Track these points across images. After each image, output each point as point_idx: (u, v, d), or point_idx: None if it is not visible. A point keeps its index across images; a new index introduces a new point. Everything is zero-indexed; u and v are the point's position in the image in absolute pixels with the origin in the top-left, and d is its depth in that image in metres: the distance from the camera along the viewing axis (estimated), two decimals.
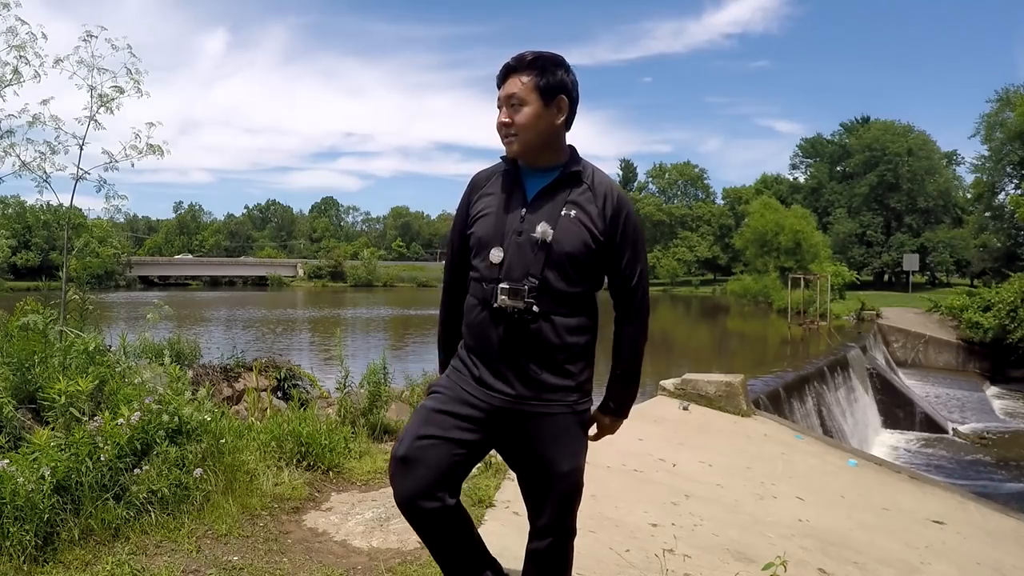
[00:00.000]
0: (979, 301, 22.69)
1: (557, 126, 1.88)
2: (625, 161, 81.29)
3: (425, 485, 1.83)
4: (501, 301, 1.82)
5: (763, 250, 43.59)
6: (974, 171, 43.21)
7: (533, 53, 1.88)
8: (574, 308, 1.86)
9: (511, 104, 1.86)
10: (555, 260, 1.82)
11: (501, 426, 1.89)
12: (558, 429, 1.86)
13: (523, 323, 1.82)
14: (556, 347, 1.84)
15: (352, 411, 5.07)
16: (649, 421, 6.90)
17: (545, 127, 1.86)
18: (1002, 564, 4.77)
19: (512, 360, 1.85)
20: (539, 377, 1.84)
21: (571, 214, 1.85)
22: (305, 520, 3.27)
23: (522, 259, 1.83)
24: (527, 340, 1.83)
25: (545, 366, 1.84)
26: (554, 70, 1.86)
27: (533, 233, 1.83)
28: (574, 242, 1.83)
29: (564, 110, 1.88)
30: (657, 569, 3.03)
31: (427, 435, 1.86)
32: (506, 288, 1.82)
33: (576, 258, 1.83)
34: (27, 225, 25.15)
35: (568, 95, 1.89)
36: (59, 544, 2.61)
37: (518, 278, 1.82)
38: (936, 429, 14.86)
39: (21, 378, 3.64)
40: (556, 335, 1.83)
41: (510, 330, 1.84)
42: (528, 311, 1.81)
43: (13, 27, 4.17)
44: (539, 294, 1.81)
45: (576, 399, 1.89)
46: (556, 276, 1.83)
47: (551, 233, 1.82)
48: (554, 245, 1.82)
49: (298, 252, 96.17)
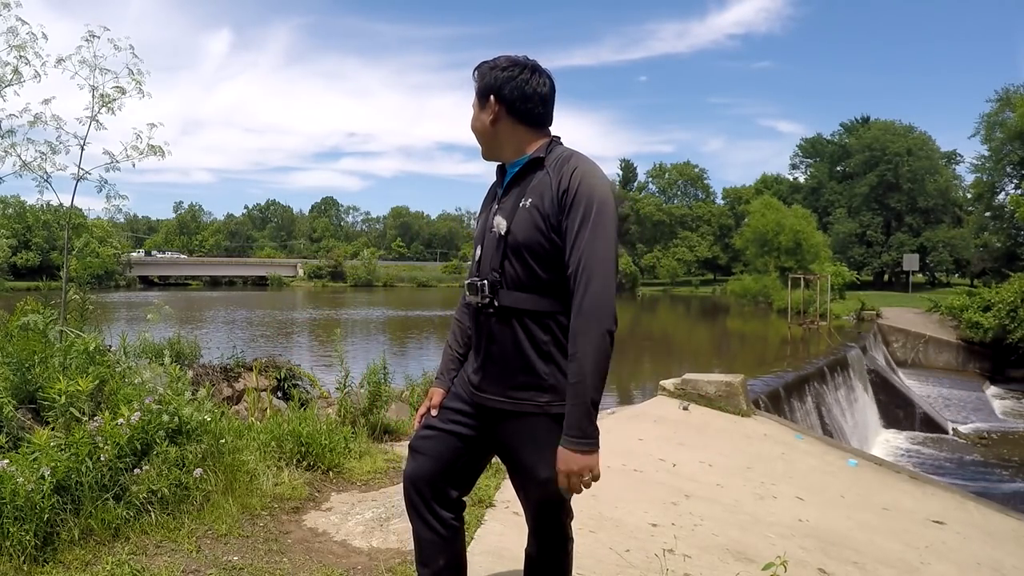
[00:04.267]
0: (979, 301, 22.68)
1: (493, 125, 1.89)
2: (625, 161, 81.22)
3: (428, 472, 1.91)
4: (467, 297, 1.90)
5: (763, 250, 43.60)
6: (974, 171, 43.25)
7: (479, 64, 1.94)
8: (543, 304, 1.78)
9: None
10: (512, 251, 1.79)
11: (488, 424, 1.89)
12: (532, 432, 1.80)
13: (488, 318, 1.84)
14: (523, 344, 1.79)
15: (352, 411, 5.07)
16: (649, 421, 6.90)
17: (481, 128, 1.92)
18: (1002, 564, 4.76)
19: (485, 357, 1.86)
20: (508, 375, 1.82)
21: (527, 203, 1.80)
22: (305, 520, 3.27)
23: (488, 254, 1.86)
24: (494, 336, 1.83)
25: (513, 363, 1.80)
26: (487, 72, 1.90)
27: (492, 228, 1.85)
28: (528, 231, 1.77)
29: (494, 109, 1.88)
30: (657, 569, 3.03)
31: (430, 427, 1.96)
32: (468, 283, 1.88)
33: (532, 248, 1.76)
34: (27, 225, 25.15)
35: (497, 94, 1.87)
36: (59, 544, 2.61)
37: (484, 273, 1.85)
38: (936, 429, 14.86)
39: (21, 378, 3.63)
40: (524, 331, 1.78)
41: (479, 326, 1.88)
42: (490, 305, 1.82)
43: (14, 27, 4.17)
44: (500, 287, 1.81)
45: (548, 400, 1.77)
46: (516, 268, 1.79)
47: (504, 225, 1.81)
48: (509, 237, 1.80)
49: (298, 252, 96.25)
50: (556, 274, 1.76)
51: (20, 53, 4.18)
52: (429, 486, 1.91)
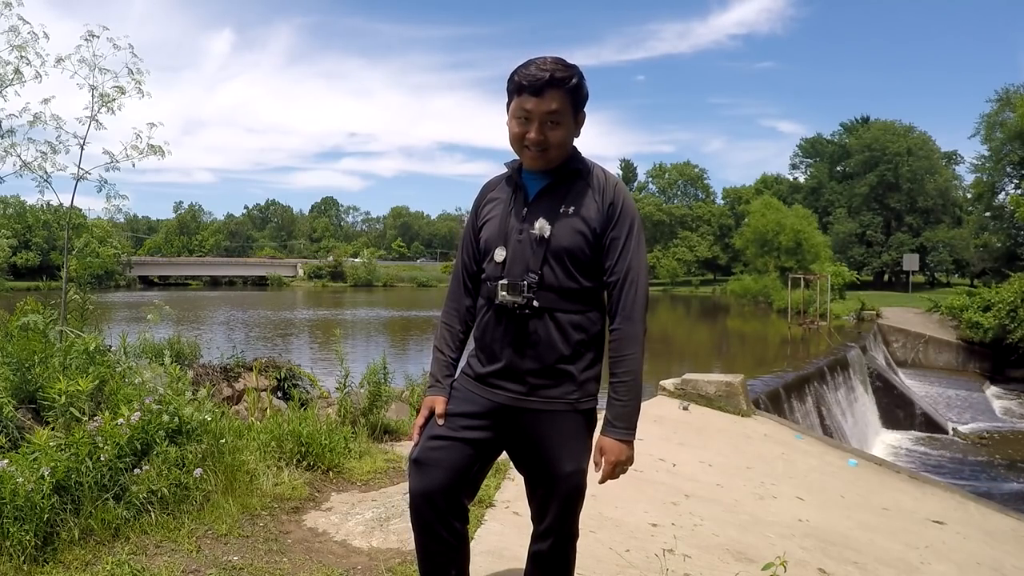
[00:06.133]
0: (979, 301, 22.68)
1: (573, 136, 1.90)
2: (625, 161, 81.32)
3: (440, 485, 1.85)
4: (501, 297, 1.86)
5: (763, 250, 43.62)
6: (974, 171, 43.24)
7: (563, 66, 1.81)
8: (576, 305, 1.86)
9: (551, 120, 1.81)
10: (554, 256, 1.84)
11: (506, 424, 1.90)
12: (560, 428, 1.86)
13: (523, 319, 1.85)
14: (557, 344, 1.84)
15: (352, 411, 5.06)
16: (649, 421, 6.90)
17: (571, 142, 1.89)
18: (1002, 564, 4.76)
19: (514, 357, 1.86)
20: (540, 374, 1.85)
21: (570, 210, 1.86)
22: (305, 520, 3.27)
23: (523, 256, 1.86)
24: (528, 336, 1.85)
25: (546, 363, 1.85)
26: (582, 84, 1.85)
27: (532, 230, 1.86)
28: (572, 238, 1.84)
29: (583, 123, 1.91)
30: (657, 569, 3.03)
31: (439, 436, 1.90)
32: (505, 284, 1.85)
33: (574, 254, 1.84)
34: (27, 225, 25.18)
35: (583, 107, 1.90)
36: (59, 544, 2.61)
37: (518, 274, 1.85)
38: (936, 429, 14.86)
39: (21, 378, 3.63)
40: (558, 331, 1.84)
41: (511, 326, 1.87)
42: (528, 306, 1.84)
43: (15, 27, 4.17)
44: (538, 289, 1.84)
45: (578, 398, 1.87)
46: (555, 272, 1.84)
47: (548, 229, 1.84)
48: (552, 241, 1.84)
49: (298, 252, 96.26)
50: (590, 279, 1.88)
51: (21, 53, 4.18)
52: (444, 499, 1.86)
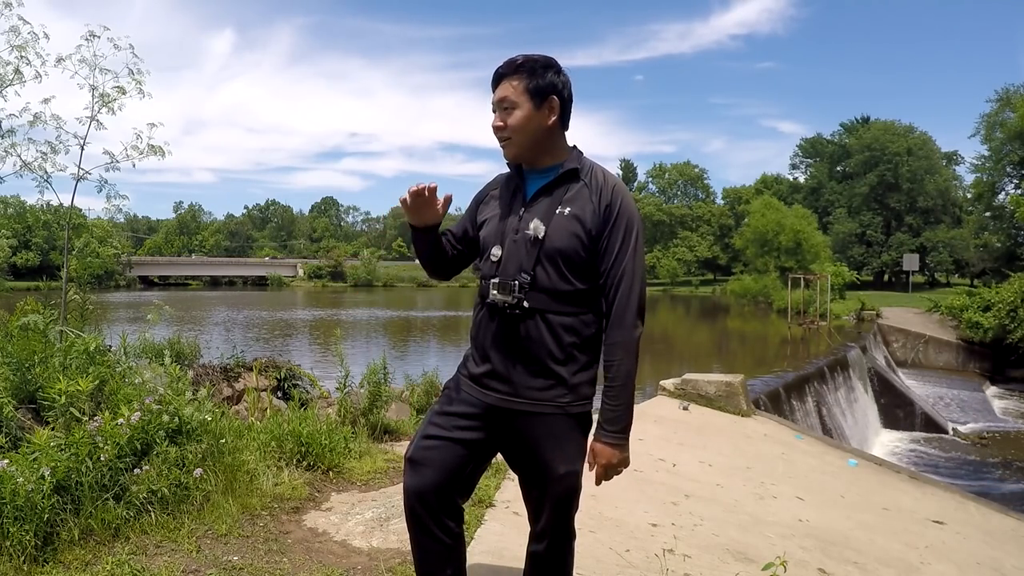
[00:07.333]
0: (979, 301, 22.67)
1: (549, 127, 1.89)
2: (625, 161, 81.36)
3: (432, 484, 1.86)
4: (492, 296, 1.85)
5: (763, 250, 43.61)
6: (974, 171, 43.24)
7: (523, 57, 1.88)
8: (570, 307, 1.84)
9: (503, 108, 1.87)
10: (547, 256, 1.83)
11: (499, 425, 1.89)
12: (551, 430, 1.85)
13: (514, 319, 1.84)
14: (549, 345, 1.83)
15: (352, 411, 5.07)
16: (649, 421, 6.90)
17: (536, 128, 1.87)
18: (1002, 564, 4.76)
19: (505, 357, 1.86)
20: (530, 375, 1.84)
21: (565, 211, 1.85)
22: (305, 520, 3.27)
23: (516, 256, 1.86)
24: (518, 337, 1.84)
25: (537, 364, 1.84)
26: (543, 72, 1.86)
27: (527, 230, 1.85)
28: (566, 239, 1.82)
29: (556, 110, 1.89)
30: (657, 569, 3.03)
31: (431, 436, 1.91)
32: (497, 283, 1.85)
33: (568, 255, 1.83)
34: (27, 225, 25.16)
35: (559, 95, 1.89)
36: (59, 544, 2.61)
37: (511, 274, 1.85)
38: (936, 429, 14.85)
39: (21, 378, 3.63)
40: (550, 333, 1.83)
41: (503, 326, 1.86)
42: (518, 306, 1.83)
43: (15, 27, 4.17)
44: (530, 290, 1.83)
45: (570, 401, 1.85)
46: (549, 273, 1.83)
47: (543, 229, 1.84)
48: (546, 242, 1.83)
49: (298, 252, 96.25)
50: (584, 281, 1.85)
51: (21, 53, 4.18)
52: (437, 498, 1.87)
